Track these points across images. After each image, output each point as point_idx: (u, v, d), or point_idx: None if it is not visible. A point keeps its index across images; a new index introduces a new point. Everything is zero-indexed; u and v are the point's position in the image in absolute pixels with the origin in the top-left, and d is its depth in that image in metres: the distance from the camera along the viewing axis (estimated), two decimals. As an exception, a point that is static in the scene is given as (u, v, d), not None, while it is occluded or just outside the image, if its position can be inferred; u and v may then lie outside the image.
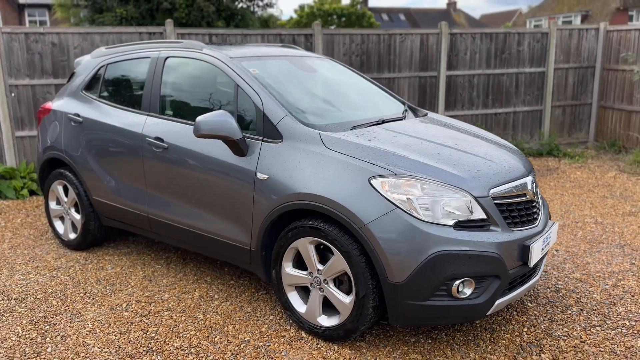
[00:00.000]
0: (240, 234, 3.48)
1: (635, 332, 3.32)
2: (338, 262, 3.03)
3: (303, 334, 3.30)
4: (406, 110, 4.13)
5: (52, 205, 4.85)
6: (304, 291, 3.37)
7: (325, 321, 3.20)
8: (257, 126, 3.42)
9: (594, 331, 3.32)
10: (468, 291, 2.87)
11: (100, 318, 3.53)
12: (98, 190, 4.36)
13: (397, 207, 2.84)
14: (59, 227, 4.84)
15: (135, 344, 3.22)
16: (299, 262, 3.32)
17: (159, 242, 4.87)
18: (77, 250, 4.70)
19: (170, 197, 3.86)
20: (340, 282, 3.14)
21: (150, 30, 6.93)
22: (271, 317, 3.51)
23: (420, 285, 2.82)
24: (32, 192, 6.57)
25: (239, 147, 3.36)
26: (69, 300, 3.79)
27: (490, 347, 3.15)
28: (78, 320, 3.52)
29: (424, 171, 2.96)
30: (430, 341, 3.22)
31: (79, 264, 4.42)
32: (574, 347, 3.15)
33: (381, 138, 3.28)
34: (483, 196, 2.94)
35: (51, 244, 4.89)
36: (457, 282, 2.83)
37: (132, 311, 3.62)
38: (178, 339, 3.26)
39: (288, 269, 3.31)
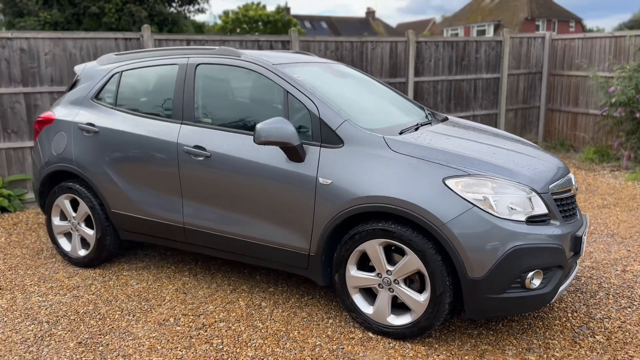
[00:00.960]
0: (298, 240, 3.47)
1: (661, 310, 3.68)
2: (412, 262, 3.13)
3: (370, 334, 3.36)
4: (430, 114, 4.30)
5: (56, 221, 4.55)
6: (367, 292, 3.42)
7: (396, 320, 3.27)
8: (313, 132, 3.44)
9: (627, 312, 3.64)
10: (537, 282, 3.07)
11: (153, 334, 3.39)
12: (119, 202, 4.16)
13: (475, 205, 2.99)
14: (65, 244, 4.55)
15: (206, 357, 3.13)
16: (361, 264, 3.38)
17: (174, 254, 4.72)
18: (88, 267, 4.45)
19: (212, 206, 3.77)
20: (410, 281, 3.24)
21: (127, 35, 6.66)
22: (330, 321, 3.54)
23: (499, 279, 2.98)
24: (2, 209, 6.09)
25: (297, 153, 3.37)
26: (108, 319, 3.60)
27: (547, 333, 3.38)
28: (130, 338, 3.35)
29: (493, 170, 3.13)
30: (492, 332, 3.39)
31: (98, 282, 4.19)
32: (619, 327, 3.45)
33: (437, 141, 3.41)
34: (544, 192, 3.15)
35: (54, 262, 4.59)
36: (530, 274, 3.02)
37: (185, 325, 3.50)
38: (249, 349, 3.21)
39: (353, 271, 3.35)
